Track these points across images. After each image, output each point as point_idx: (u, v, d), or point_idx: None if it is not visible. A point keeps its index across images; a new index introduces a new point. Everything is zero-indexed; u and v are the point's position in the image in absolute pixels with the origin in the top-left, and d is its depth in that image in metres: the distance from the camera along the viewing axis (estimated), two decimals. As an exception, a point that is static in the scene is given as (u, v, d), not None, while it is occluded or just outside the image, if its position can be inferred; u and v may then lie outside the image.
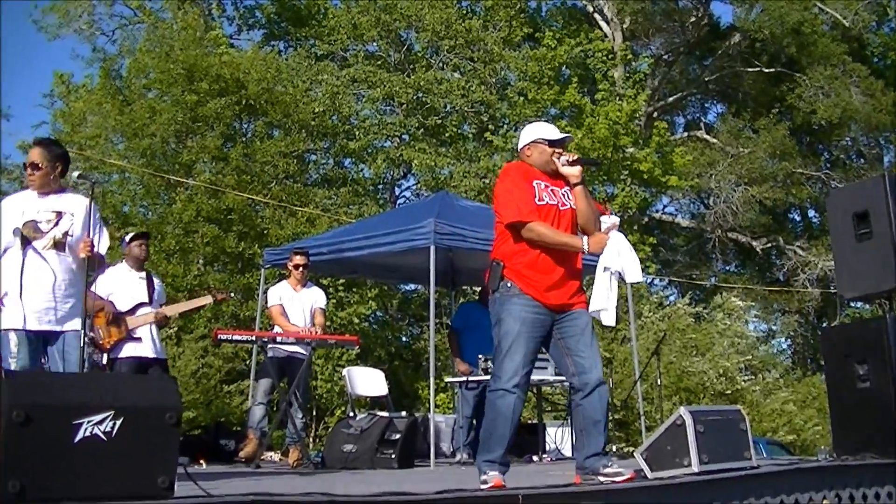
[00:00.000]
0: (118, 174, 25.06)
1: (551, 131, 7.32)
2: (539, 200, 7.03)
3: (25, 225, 7.49)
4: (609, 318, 7.07)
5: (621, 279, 7.27)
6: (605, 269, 7.03)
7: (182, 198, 23.36)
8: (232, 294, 12.93)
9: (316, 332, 11.54)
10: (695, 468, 7.07)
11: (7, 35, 52.09)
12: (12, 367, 7.22)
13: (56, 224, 7.56)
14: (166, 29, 27.10)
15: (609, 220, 7.13)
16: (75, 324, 7.49)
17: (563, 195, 7.18)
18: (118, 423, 4.76)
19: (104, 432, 4.73)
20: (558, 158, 7.18)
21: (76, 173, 7.87)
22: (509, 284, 6.97)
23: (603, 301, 7.08)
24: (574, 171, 7.14)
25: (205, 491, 5.26)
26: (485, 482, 6.78)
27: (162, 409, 4.95)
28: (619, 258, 7.08)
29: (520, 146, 7.43)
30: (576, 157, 7.20)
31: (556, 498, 6.10)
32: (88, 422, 4.70)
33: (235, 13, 35.93)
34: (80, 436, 4.69)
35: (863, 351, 8.75)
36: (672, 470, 7.15)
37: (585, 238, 6.98)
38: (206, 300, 11.25)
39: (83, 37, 31.86)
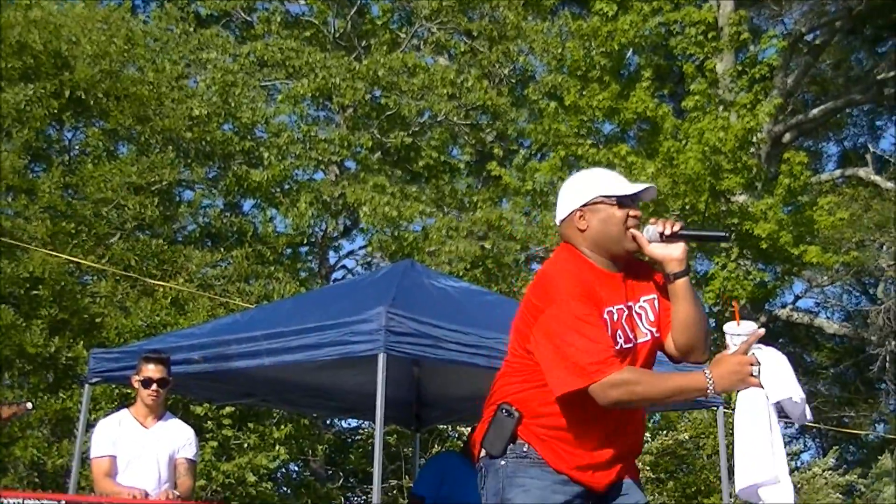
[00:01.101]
0: None
1: (619, 183, 6.80)
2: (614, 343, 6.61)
3: None
4: (784, 495, 6.65)
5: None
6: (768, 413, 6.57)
7: (-48, 257, 23.42)
8: (30, 406, 12.79)
9: (175, 498, 11.59)
10: None
11: None
12: None
13: None
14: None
15: (742, 329, 6.43)
16: None
17: (640, 313, 6.83)
18: None
19: None
20: (641, 228, 6.67)
21: None
22: (525, 448, 6.71)
23: (765, 470, 6.65)
24: (676, 253, 6.62)
25: None
26: None
27: None
28: (784, 385, 6.58)
29: (565, 212, 6.89)
30: (678, 227, 6.59)
31: None
32: None
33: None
34: None
35: None
36: None
37: (708, 370, 6.27)
38: None
39: None
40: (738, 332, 6.35)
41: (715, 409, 16.60)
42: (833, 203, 33.07)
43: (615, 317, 6.55)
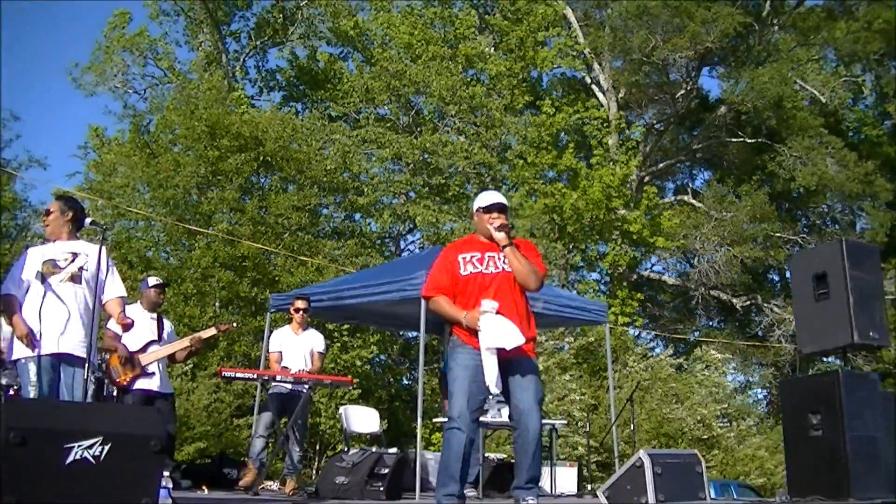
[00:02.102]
0: (143, 221, 25.15)
1: (486, 199, 7.48)
2: (464, 271, 7.30)
3: (45, 263, 7.79)
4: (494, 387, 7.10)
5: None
6: (487, 349, 7.02)
7: (201, 245, 23.37)
8: (235, 324, 12.94)
9: (312, 373, 11.63)
10: (651, 506, 7.13)
11: (47, 91, 52.62)
12: (31, 395, 7.42)
13: (72, 262, 7.84)
14: (192, 89, 27.21)
15: (486, 305, 7.10)
16: (84, 353, 7.58)
17: (499, 259, 7.35)
18: (106, 448, 4.86)
19: (93, 456, 4.83)
20: (491, 224, 7.31)
21: (88, 220, 8.04)
22: (455, 338, 7.22)
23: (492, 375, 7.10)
24: (500, 236, 7.28)
25: (185, 512, 5.34)
26: None
27: (147, 437, 5.05)
28: (494, 337, 6.99)
29: (472, 215, 7.74)
30: (500, 223, 7.30)
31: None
32: (79, 446, 4.80)
33: (257, 76, 36.40)
34: (70, 458, 4.79)
35: (816, 402, 8.83)
36: (630, 507, 7.21)
37: (464, 314, 7.11)
38: (211, 331, 11.28)
39: (117, 94, 32.14)
40: (489, 306, 7.03)
41: (603, 324, 16.34)
42: (671, 214, 33.09)
43: (468, 257, 7.31)
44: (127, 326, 8.22)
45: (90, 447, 4.78)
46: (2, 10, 24.61)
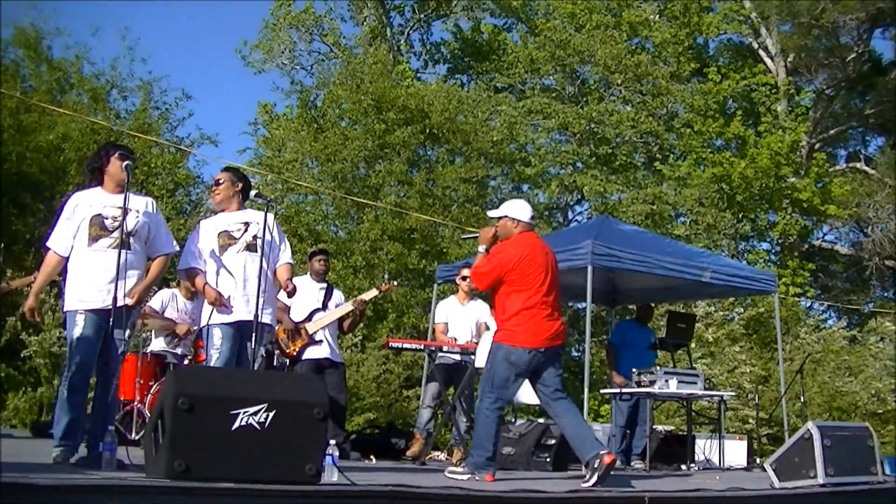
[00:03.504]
0: (312, 195, 25.54)
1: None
2: None
3: (220, 235, 8.06)
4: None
5: None
6: None
7: (369, 218, 23.65)
8: (395, 283, 13.08)
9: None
10: (820, 480, 6.95)
11: (219, 69, 53.81)
12: (214, 360, 7.77)
13: (245, 231, 8.07)
14: (358, 63, 27.44)
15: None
16: (266, 317, 7.89)
17: None
18: (271, 415, 4.96)
19: (259, 422, 4.93)
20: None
21: (253, 192, 8.24)
22: None
23: None
24: (482, 237, 9.27)
25: (349, 480, 5.38)
26: None
27: (311, 405, 5.14)
28: None
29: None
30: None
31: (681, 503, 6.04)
32: (245, 412, 4.91)
33: (422, 49, 36.55)
34: (237, 424, 4.90)
35: None
36: (798, 481, 7.04)
37: None
38: (373, 292, 11.57)
39: (284, 71, 32.58)
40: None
41: (773, 294, 15.97)
42: (842, 181, 32.39)
43: None
44: (291, 292, 8.32)
45: (255, 413, 4.88)
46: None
